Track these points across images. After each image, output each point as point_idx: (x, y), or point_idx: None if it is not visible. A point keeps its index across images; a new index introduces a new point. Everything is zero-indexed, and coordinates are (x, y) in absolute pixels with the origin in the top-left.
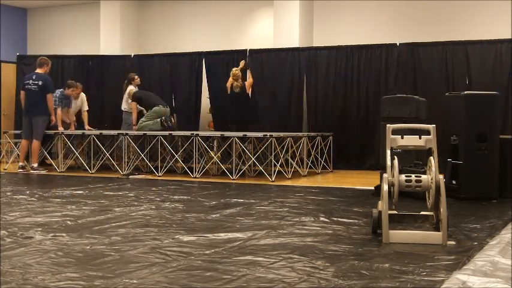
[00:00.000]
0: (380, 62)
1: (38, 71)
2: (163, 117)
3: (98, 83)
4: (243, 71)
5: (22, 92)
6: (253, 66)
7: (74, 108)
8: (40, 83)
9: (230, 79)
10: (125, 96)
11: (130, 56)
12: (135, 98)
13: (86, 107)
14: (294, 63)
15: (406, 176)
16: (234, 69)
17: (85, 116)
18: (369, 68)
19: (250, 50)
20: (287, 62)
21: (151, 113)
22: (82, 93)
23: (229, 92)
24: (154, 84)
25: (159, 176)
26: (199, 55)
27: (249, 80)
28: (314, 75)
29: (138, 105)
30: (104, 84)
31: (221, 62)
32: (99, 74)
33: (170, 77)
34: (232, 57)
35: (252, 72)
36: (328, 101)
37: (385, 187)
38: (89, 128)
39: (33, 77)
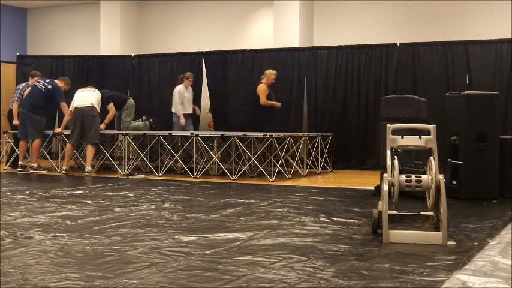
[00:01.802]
0: (380, 62)
1: (56, 81)
2: (150, 119)
3: (98, 83)
4: None
5: (27, 90)
6: (254, 66)
7: None
8: (50, 87)
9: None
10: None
11: (130, 56)
12: (109, 99)
13: None
14: (294, 63)
15: (406, 176)
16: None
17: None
18: (369, 67)
19: (250, 50)
20: (287, 61)
21: (130, 108)
22: None
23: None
24: (154, 84)
25: (159, 176)
26: (199, 55)
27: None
28: (314, 75)
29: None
30: (103, 84)
31: (221, 62)
32: (99, 74)
33: (170, 78)
34: (232, 57)
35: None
36: (328, 100)
37: (385, 187)
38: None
39: (47, 80)
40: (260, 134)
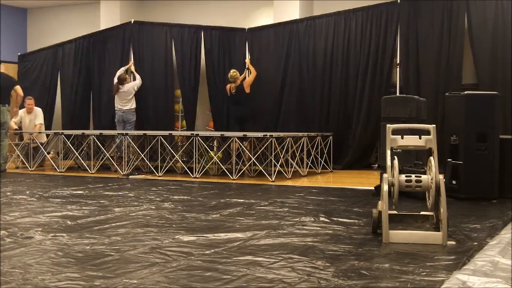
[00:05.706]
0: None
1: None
2: None
3: (99, 60)
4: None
5: None
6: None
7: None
8: None
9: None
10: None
11: (130, 23)
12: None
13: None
14: (292, 36)
15: (406, 176)
16: (231, 70)
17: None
18: (370, 33)
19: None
20: (286, 35)
21: None
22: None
23: (229, 94)
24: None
25: (159, 176)
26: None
27: (250, 76)
28: (312, 52)
29: None
30: (104, 63)
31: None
32: (100, 51)
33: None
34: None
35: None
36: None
37: (385, 187)
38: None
39: None
40: (260, 134)
